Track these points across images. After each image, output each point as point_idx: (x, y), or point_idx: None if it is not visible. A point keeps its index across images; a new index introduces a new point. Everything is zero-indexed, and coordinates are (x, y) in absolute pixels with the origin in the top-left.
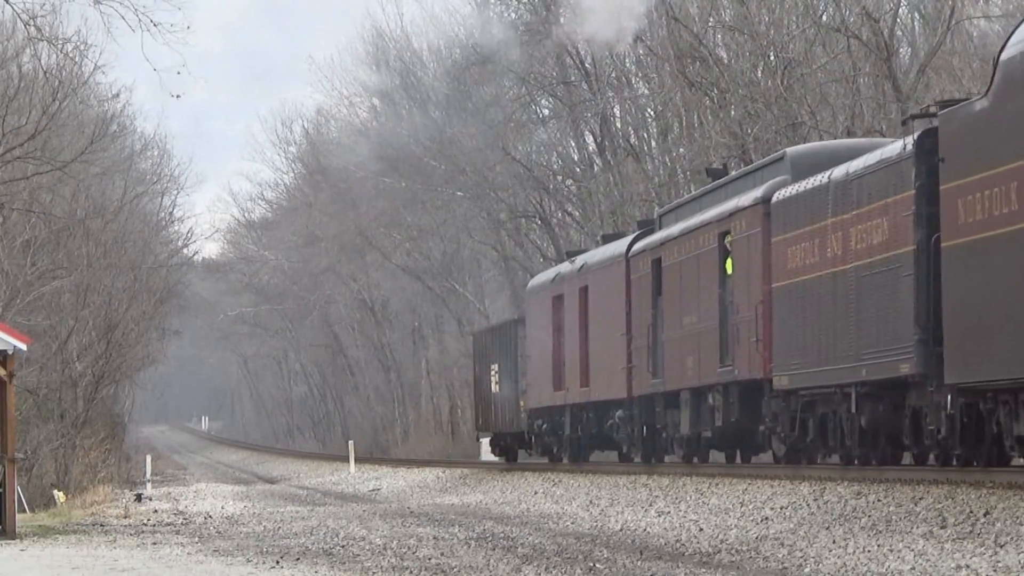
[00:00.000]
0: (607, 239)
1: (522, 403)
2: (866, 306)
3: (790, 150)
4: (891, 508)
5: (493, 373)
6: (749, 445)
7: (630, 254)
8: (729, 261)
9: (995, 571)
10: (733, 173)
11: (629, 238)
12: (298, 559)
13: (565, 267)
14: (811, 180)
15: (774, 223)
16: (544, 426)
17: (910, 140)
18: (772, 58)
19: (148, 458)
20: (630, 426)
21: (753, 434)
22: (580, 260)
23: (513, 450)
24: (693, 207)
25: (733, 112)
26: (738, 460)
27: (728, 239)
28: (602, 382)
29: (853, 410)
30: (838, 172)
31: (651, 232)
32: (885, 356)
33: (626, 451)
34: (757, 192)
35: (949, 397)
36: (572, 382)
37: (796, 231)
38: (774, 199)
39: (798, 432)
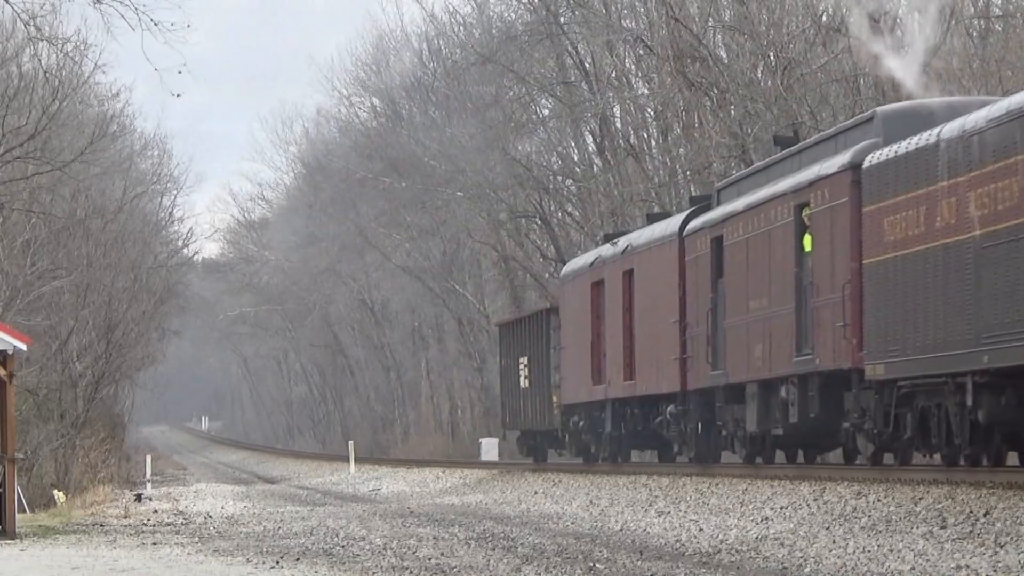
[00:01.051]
0: (652, 219)
1: (555, 399)
2: (989, 281)
3: (880, 110)
4: (891, 508)
5: (522, 366)
6: (826, 444)
7: (684, 233)
8: (807, 237)
9: (995, 571)
10: (808, 140)
11: (681, 216)
12: (298, 559)
13: (606, 250)
14: (913, 140)
15: (866, 191)
16: (581, 423)
17: None
18: (772, 58)
19: (148, 458)
20: (683, 423)
21: (834, 431)
22: (623, 242)
23: (542, 449)
24: (759, 179)
25: (733, 112)
26: (800, 459)
27: (806, 212)
28: (650, 374)
29: (968, 403)
30: (951, 128)
31: (708, 208)
32: (1015, 340)
33: (677, 450)
34: (843, 158)
35: None
36: (614, 375)
37: (894, 199)
38: (866, 164)
39: (892, 429)
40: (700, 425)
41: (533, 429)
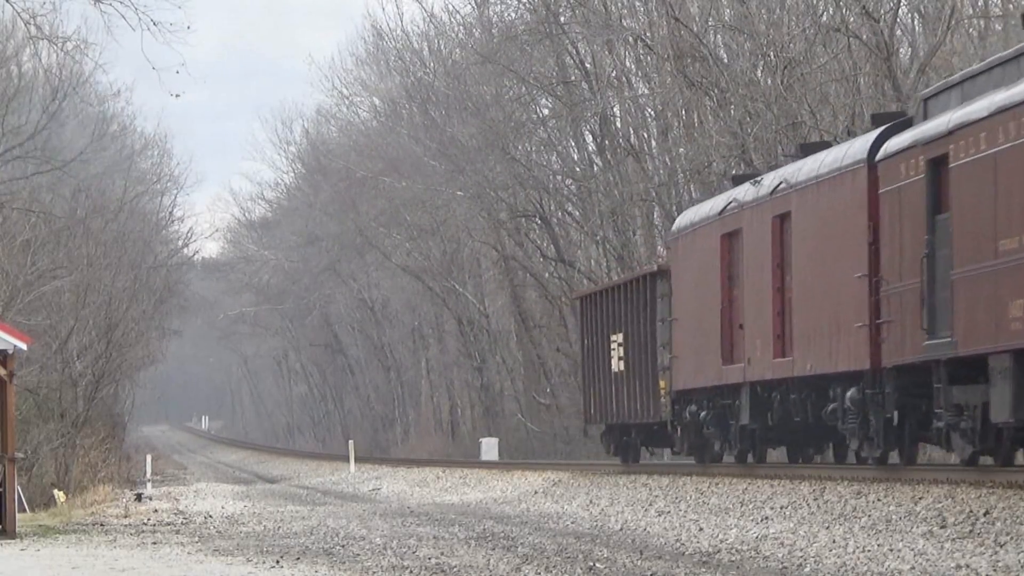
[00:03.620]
0: (808, 149)
1: (663, 384)
2: None
3: None
4: (891, 508)
5: (615, 345)
6: None
7: (878, 157)
8: None
9: (995, 571)
10: None
11: (868, 137)
12: (298, 559)
13: (743, 191)
14: None
15: None
16: (702, 414)
17: None
18: (772, 58)
19: (148, 458)
20: (870, 411)
21: None
22: (771, 179)
23: (634, 447)
24: (994, 77)
25: (733, 112)
26: None
27: None
28: (818, 348)
29: None
30: None
31: (908, 125)
32: None
33: (858, 447)
34: None
35: None
36: (757, 351)
37: None
38: None
39: None
40: (898, 414)
41: (629, 422)
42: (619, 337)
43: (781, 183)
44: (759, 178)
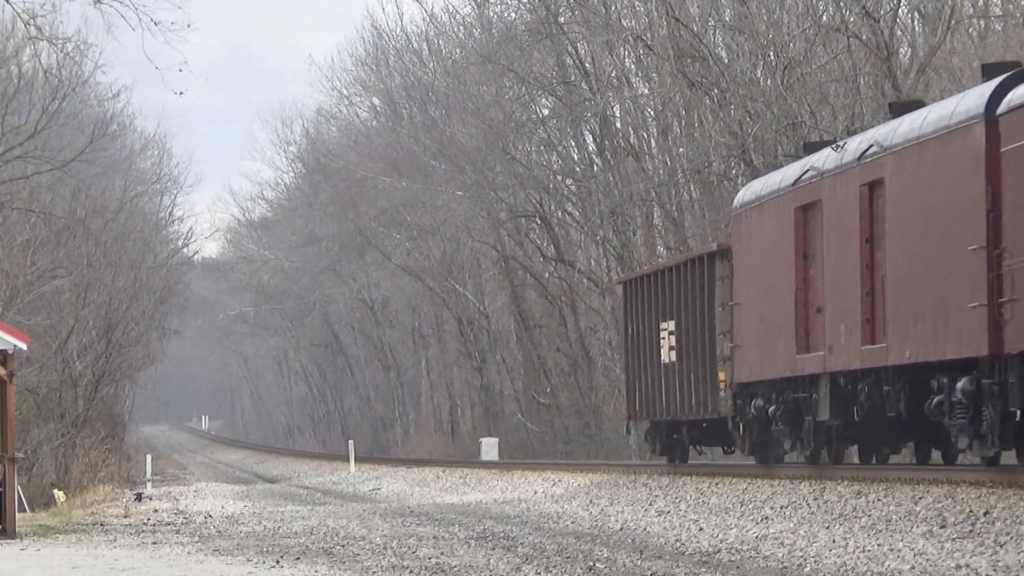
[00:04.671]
0: (898, 109)
1: (722, 376)
2: None
3: None
4: (891, 508)
5: (665, 334)
6: None
7: (1000, 111)
8: None
9: (995, 571)
10: None
11: (985, 88)
12: (298, 558)
13: (822, 158)
14: None
15: None
16: (770, 409)
17: None
18: (772, 58)
19: (148, 458)
20: (988, 404)
21: None
22: (857, 143)
23: (682, 445)
24: None
25: (733, 112)
26: None
27: None
28: (919, 332)
29: None
30: None
31: None
32: None
33: (967, 446)
34: None
35: None
36: (841, 336)
37: None
38: None
39: None
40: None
41: (680, 418)
42: (670, 325)
43: (871, 146)
44: (841, 143)
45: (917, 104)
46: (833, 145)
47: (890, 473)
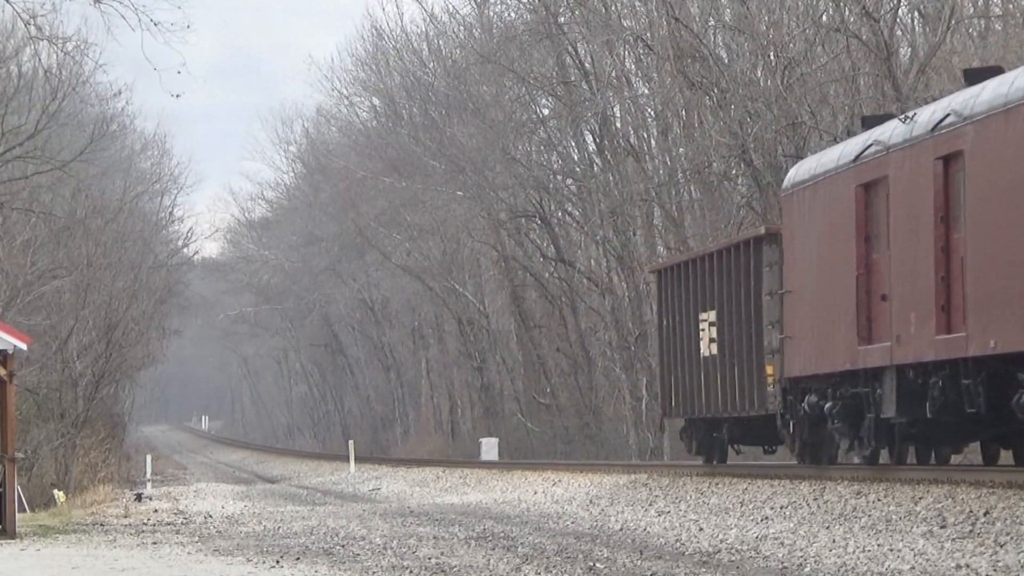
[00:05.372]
0: (974, 76)
1: (770, 370)
2: None
3: None
4: (891, 508)
5: (705, 325)
6: None
7: None
8: None
9: (995, 571)
10: None
11: None
12: (298, 559)
13: (887, 131)
14: None
15: None
16: (827, 405)
17: None
18: (772, 58)
19: (148, 458)
20: None
21: None
22: (932, 112)
23: (720, 444)
24: None
25: (733, 112)
26: None
27: None
28: (1006, 320)
29: None
30: None
31: None
32: None
33: None
34: None
35: None
36: (911, 325)
37: None
38: None
39: None
40: None
41: (720, 416)
42: (710, 316)
43: (947, 116)
44: (910, 114)
45: (995, 70)
46: (900, 117)
47: (890, 473)
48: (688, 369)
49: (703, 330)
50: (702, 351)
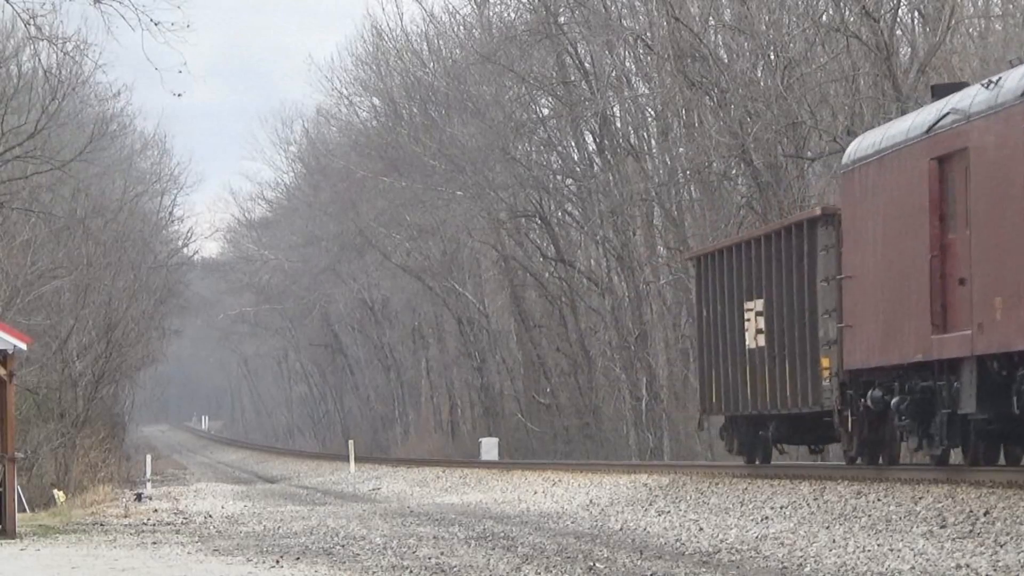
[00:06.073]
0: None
1: (825, 363)
2: None
3: None
4: (891, 508)
5: (751, 315)
6: None
7: None
8: None
9: (995, 571)
10: None
11: None
12: (298, 558)
13: (967, 98)
14: None
15: None
16: (893, 400)
17: None
18: (772, 58)
19: (148, 458)
20: None
21: None
22: (1020, 77)
23: (763, 444)
24: None
25: (733, 112)
26: None
27: None
28: None
29: None
30: None
31: None
32: None
33: None
34: None
35: None
36: (995, 311)
37: None
38: None
39: None
40: None
41: (767, 412)
42: (757, 304)
43: None
44: (994, 78)
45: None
46: (983, 82)
47: (890, 473)
48: (731, 363)
49: (749, 320)
50: (747, 343)
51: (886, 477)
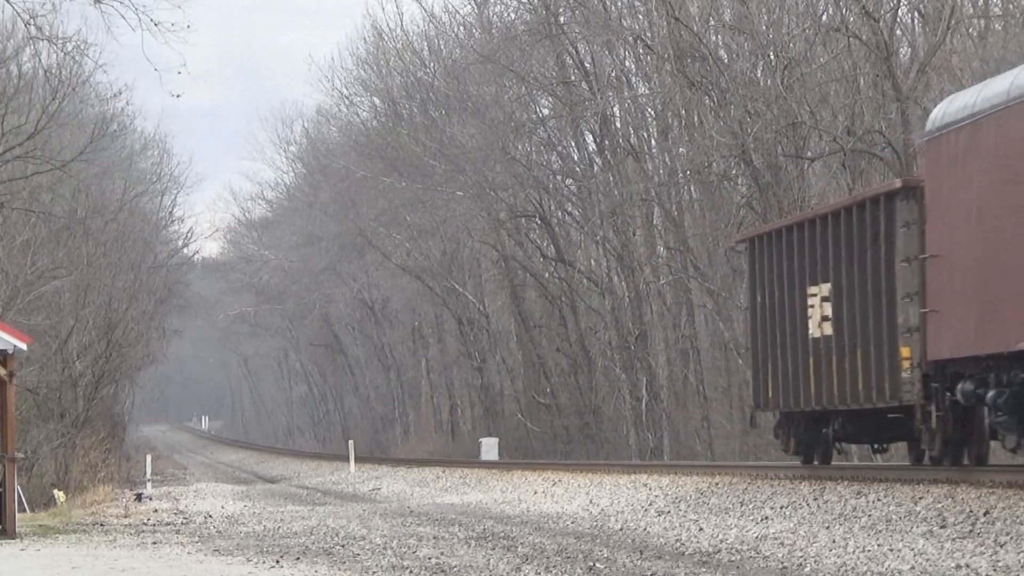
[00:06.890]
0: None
1: (905, 353)
2: None
3: None
4: (891, 508)
5: (815, 300)
6: None
7: None
8: None
9: (995, 571)
10: None
11: None
12: (298, 558)
13: None
14: None
15: None
16: (989, 394)
17: None
18: (772, 58)
19: (148, 458)
20: None
21: None
22: None
23: (824, 443)
24: None
25: (733, 112)
26: None
27: None
28: None
29: None
30: None
31: None
32: None
33: None
34: None
35: None
36: None
37: None
38: None
39: None
40: None
41: (832, 408)
42: (822, 289)
43: None
44: None
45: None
46: None
47: (890, 473)
48: (792, 354)
49: (812, 307)
50: (811, 332)
51: (886, 477)
